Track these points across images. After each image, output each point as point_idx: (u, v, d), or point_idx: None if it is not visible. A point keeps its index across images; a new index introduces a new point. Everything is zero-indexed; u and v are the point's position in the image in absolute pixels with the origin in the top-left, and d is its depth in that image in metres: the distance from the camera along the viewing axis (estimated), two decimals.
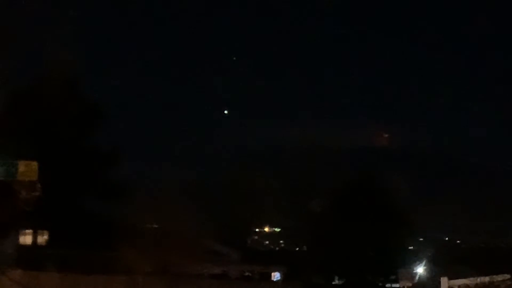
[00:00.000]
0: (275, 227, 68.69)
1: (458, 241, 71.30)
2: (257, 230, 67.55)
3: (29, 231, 38.44)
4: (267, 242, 69.96)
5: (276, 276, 47.76)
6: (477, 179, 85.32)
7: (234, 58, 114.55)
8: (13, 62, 31.91)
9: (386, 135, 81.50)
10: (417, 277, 52.58)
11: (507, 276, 23.07)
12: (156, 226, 39.18)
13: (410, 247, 58.12)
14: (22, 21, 30.97)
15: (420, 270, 53.99)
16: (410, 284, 49.92)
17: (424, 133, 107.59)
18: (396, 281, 51.39)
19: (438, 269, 46.69)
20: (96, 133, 41.50)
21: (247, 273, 46.12)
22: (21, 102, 36.47)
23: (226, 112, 77.30)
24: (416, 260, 54.60)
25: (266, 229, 68.74)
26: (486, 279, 21.58)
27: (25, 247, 36.69)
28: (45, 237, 39.57)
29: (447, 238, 71.45)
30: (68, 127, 38.04)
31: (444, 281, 23.27)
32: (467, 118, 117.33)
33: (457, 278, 23.44)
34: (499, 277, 21.57)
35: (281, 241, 70.28)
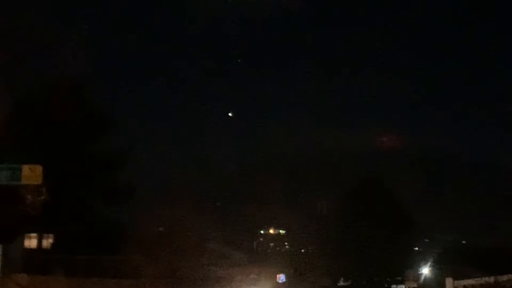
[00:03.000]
0: (280, 229, 68.71)
1: (464, 242, 71.19)
2: (262, 232, 67.64)
3: (34, 234, 38.49)
4: (272, 244, 69.92)
5: (281, 278, 47.85)
6: (483, 180, 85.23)
7: (239, 61, 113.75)
8: (19, 68, 32.04)
9: (391, 138, 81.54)
10: (422, 278, 52.70)
11: None
12: (162, 229, 39.22)
13: (415, 248, 58.19)
14: (29, 28, 31.08)
15: (425, 271, 54.09)
16: (416, 285, 50.05)
17: (430, 135, 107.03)
18: (402, 282, 51.54)
19: (443, 269, 46.72)
20: (103, 137, 41.50)
21: (252, 275, 46.20)
22: (27, 108, 36.61)
23: (230, 114, 77.12)
24: (422, 261, 54.73)
25: (271, 231, 68.75)
26: (491, 279, 21.55)
27: (30, 250, 36.76)
28: (50, 241, 39.64)
29: (452, 239, 71.35)
30: (75, 132, 38.10)
31: (449, 281, 23.22)
32: (474, 119, 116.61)
33: (462, 279, 23.40)
34: (504, 277, 21.52)
35: (285, 243, 70.27)
